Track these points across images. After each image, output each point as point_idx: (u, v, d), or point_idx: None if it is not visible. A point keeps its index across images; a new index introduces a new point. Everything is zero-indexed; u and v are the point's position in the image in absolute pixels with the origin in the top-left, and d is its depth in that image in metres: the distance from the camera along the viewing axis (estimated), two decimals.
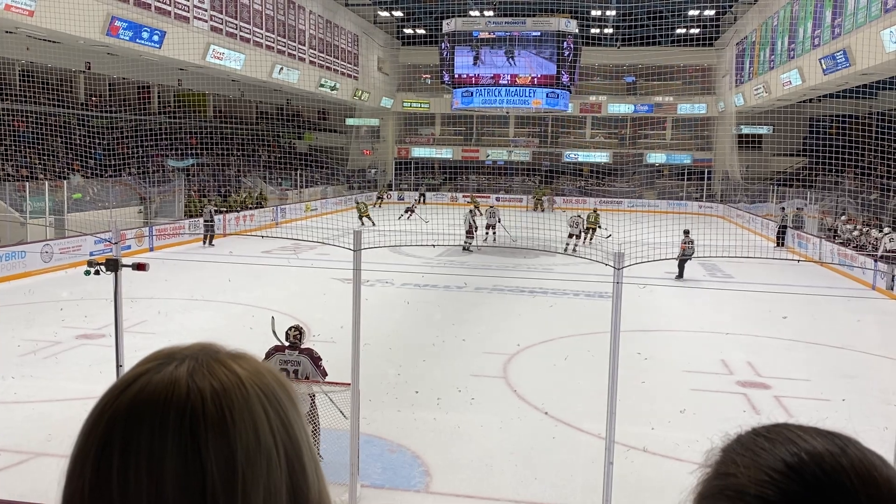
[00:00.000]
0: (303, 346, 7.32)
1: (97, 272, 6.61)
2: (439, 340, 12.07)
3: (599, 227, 23.97)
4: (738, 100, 36.54)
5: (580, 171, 43.66)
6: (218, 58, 26.12)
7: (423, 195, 39.16)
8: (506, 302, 15.81)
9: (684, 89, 42.25)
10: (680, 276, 18.68)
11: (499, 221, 24.45)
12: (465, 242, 22.32)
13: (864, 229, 22.39)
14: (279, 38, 31.06)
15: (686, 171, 41.68)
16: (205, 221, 23.35)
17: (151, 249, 21.52)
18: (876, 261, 18.55)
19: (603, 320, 7.02)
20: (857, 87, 24.78)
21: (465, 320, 13.79)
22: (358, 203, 30.47)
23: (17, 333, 11.85)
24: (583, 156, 43.85)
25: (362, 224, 26.95)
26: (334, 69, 36.90)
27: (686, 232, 18.79)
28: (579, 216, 23.92)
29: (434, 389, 9.57)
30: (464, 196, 40.05)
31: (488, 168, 45.15)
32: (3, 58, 22.68)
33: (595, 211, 25.72)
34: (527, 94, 34.33)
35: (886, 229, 20.47)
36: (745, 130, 37.16)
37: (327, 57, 36.12)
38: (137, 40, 21.97)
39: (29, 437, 7.69)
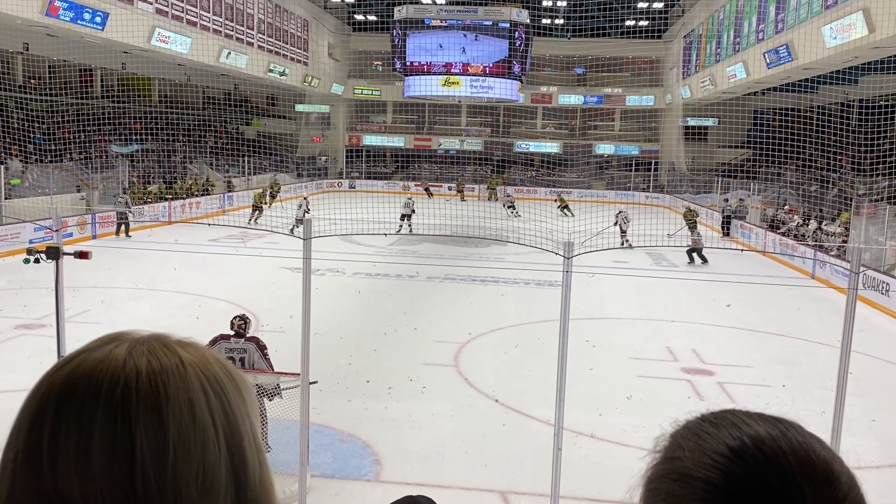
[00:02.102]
0: (248, 335, 7.26)
1: (37, 260, 6.42)
2: (391, 329, 12.05)
3: (695, 225, 23.14)
4: (684, 92, 37.20)
5: (531, 161, 43.99)
6: (163, 41, 25.49)
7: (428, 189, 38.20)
8: (457, 291, 15.86)
9: (633, 81, 42.83)
10: (692, 262, 19.97)
11: (413, 212, 24.31)
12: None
13: (801, 220, 23.08)
14: (227, 21, 30.46)
15: (634, 161, 42.32)
16: (118, 212, 22.03)
17: (94, 237, 20.99)
18: (816, 250, 19.12)
19: (552, 308, 7.10)
20: (798, 80, 25.47)
21: (417, 309, 13.80)
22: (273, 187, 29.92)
23: None
24: (534, 146, 44.17)
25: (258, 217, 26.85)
26: (283, 54, 36.36)
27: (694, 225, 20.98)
28: (622, 211, 23.39)
29: (385, 379, 9.56)
30: (416, 185, 40.04)
31: (440, 157, 45.13)
32: None
33: (690, 209, 25.29)
34: (479, 83, 34.37)
35: (824, 222, 21.13)
36: (692, 122, 37.91)
37: (276, 42, 35.56)
38: (79, 21, 21.29)
39: None
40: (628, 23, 39.88)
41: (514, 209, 29.57)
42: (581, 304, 11.18)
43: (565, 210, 30.25)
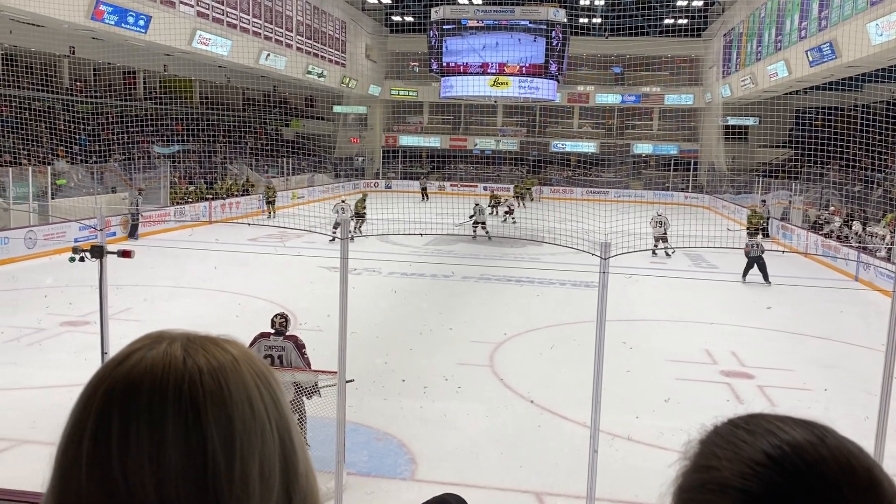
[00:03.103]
0: (288, 333, 7.34)
1: (82, 259, 6.57)
2: (426, 329, 12.08)
3: (762, 226, 21.67)
4: (724, 91, 36.64)
5: (568, 161, 43.73)
6: (204, 43, 25.89)
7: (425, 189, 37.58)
8: (493, 291, 15.83)
9: (671, 80, 42.31)
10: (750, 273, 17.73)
11: (487, 216, 23.96)
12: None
13: (844, 221, 22.58)
14: (266, 24, 30.82)
15: (672, 161, 41.81)
16: (131, 213, 21.64)
17: (136, 237, 21.38)
18: (860, 251, 18.70)
19: (589, 309, 7.05)
20: (842, 79, 24.92)
21: (452, 309, 13.81)
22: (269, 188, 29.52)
23: (0, 320, 11.75)
24: (570, 146, 43.90)
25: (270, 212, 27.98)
26: (321, 56, 36.67)
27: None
28: (660, 215, 21.60)
29: (421, 378, 9.59)
30: (451, 185, 40.08)
31: (476, 157, 45.10)
32: None
33: (755, 212, 23.34)
34: (527, 83, 34.26)
35: (868, 223, 20.62)
36: (732, 121, 37.31)
37: (314, 43, 35.88)
38: (123, 25, 21.72)
39: (12, 425, 7.63)
40: (667, 21, 39.37)
41: (511, 215, 28.52)
42: (617, 306, 11.09)
43: (503, 210, 28.97)
